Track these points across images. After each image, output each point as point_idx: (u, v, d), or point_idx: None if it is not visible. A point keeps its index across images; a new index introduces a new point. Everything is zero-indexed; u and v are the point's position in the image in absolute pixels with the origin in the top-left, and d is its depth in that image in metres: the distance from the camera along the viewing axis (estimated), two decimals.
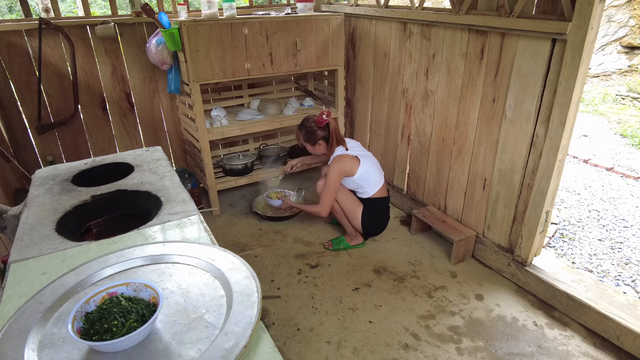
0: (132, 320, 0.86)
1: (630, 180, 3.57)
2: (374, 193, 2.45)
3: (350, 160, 2.38)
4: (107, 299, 0.90)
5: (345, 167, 2.37)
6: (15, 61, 2.66)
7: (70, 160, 2.36)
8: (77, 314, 0.85)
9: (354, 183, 2.43)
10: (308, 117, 2.46)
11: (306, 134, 2.43)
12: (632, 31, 7.21)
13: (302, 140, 2.48)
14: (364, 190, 2.46)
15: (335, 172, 2.36)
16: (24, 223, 1.34)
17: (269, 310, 2.09)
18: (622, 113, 5.49)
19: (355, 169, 2.38)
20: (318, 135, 2.41)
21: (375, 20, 2.83)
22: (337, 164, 2.36)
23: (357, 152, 2.46)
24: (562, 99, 1.77)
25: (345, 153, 2.43)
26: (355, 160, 2.40)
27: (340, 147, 2.46)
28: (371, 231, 2.56)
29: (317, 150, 2.49)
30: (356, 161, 2.40)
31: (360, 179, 2.40)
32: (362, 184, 2.43)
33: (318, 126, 2.40)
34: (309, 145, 2.47)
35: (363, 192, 2.47)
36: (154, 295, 0.90)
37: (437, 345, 1.87)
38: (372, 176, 2.44)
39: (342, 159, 2.38)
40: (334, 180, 2.36)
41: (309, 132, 2.42)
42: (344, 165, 2.36)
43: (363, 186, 2.44)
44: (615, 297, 1.96)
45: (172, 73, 2.84)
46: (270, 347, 0.85)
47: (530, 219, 2.06)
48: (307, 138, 2.44)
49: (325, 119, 2.39)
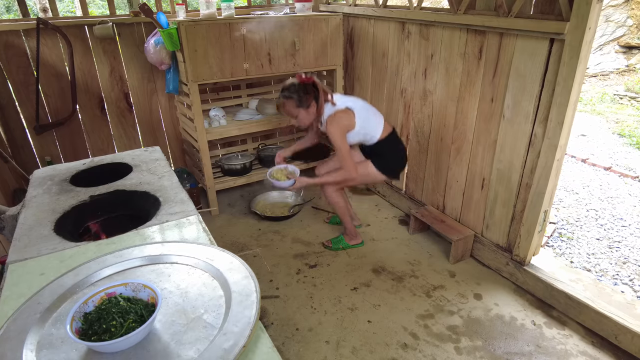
0: (131, 321, 0.85)
1: (628, 180, 3.58)
2: (380, 135, 2.31)
3: (344, 114, 2.23)
4: (106, 300, 0.90)
5: (343, 122, 2.21)
6: (13, 61, 2.65)
7: (69, 160, 2.36)
8: (76, 314, 0.85)
9: (358, 135, 2.29)
10: (289, 84, 2.22)
11: (299, 98, 2.19)
12: (629, 31, 7.23)
13: (294, 107, 2.21)
14: (370, 137, 2.32)
15: (337, 133, 2.19)
16: (22, 223, 1.33)
17: (267, 310, 2.09)
18: (620, 112, 5.50)
19: (352, 121, 2.23)
20: (311, 95, 2.21)
21: (373, 20, 2.83)
22: (334, 124, 2.20)
23: (346, 104, 2.27)
24: (560, 98, 1.78)
25: (336, 109, 2.25)
26: (349, 113, 2.24)
27: (327, 105, 2.28)
28: (395, 169, 2.45)
29: (308, 117, 2.26)
30: (350, 113, 2.24)
31: (362, 128, 2.26)
32: (365, 132, 2.29)
33: (306, 85, 2.19)
34: (302, 112, 2.23)
35: (370, 139, 2.33)
36: (152, 295, 0.90)
37: (436, 345, 1.87)
38: (372, 120, 2.30)
39: (337, 116, 2.22)
40: (341, 140, 2.20)
41: (301, 95, 2.18)
42: (341, 121, 2.21)
43: (368, 133, 2.30)
44: (613, 296, 1.97)
45: (170, 73, 2.83)
46: (269, 347, 0.85)
47: (528, 218, 2.07)
48: (300, 102, 2.20)
49: (308, 77, 2.19)
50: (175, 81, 2.85)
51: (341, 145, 2.21)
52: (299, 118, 2.26)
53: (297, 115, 2.25)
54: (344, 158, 2.23)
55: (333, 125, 2.20)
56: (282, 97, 2.23)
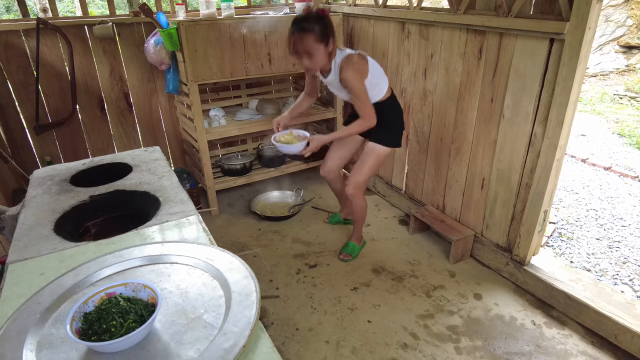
0: (131, 321, 0.85)
1: (628, 180, 3.58)
2: (384, 93, 2.15)
3: (360, 59, 2.02)
4: (106, 300, 0.90)
5: (360, 67, 2.00)
6: (13, 61, 2.65)
7: (69, 160, 2.36)
8: (76, 314, 0.85)
9: (368, 87, 2.04)
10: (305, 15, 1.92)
11: (321, 31, 1.88)
12: (629, 31, 7.23)
13: (314, 42, 1.89)
14: (376, 92, 2.11)
15: (355, 78, 1.97)
16: (22, 223, 1.33)
17: (267, 310, 2.09)
18: (620, 112, 5.50)
19: (366, 67, 2.02)
20: (330, 29, 1.92)
21: (373, 20, 2.83)
22: (351, 68, 1.97)
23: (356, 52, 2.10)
24: (560, 98, 1.78)
25: (348, 53, 2.03)
26: (364, 59, 2.05)
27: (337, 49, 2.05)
28: (399, 134, 2.27)
29: (324, 58, 1.97)
30: (364, 59, 2.04)
31: (374, 78, 2.06)
32: (375, 84, 2.08)
33: (324, 18, 1.91)
34: (321, 49, 1.92)
35: (375, 95, 2.11)
36: (152, 295, 0.90)
37: (436, 345, 1.87)
38: (381, 74, 2.14)
39: (352, 60, 1.99)
40: (359, 85, 1.99)
41: (325, 25, 1.90)
42: (357, 66, 1.99)
43: (377, 87, 2.10)
44: (613, 296, 1.97)
45: (170, 73, 2.83)
46: (269, 347, 0.85)
47: (528, 218, 2.07)
48: (322, 36, 1.90)
49: (324, 9, 1.96)
50: (175, 81, 2.85)
51: (361, 92, 1.99)
52: (315, 58, 1.94)
53: (314, 53, 1.92)
54: (363, 103, 2.02)
55: (350, 69, 1.96)
56: (298, 31, 1.88)
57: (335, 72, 2.04)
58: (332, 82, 2.12)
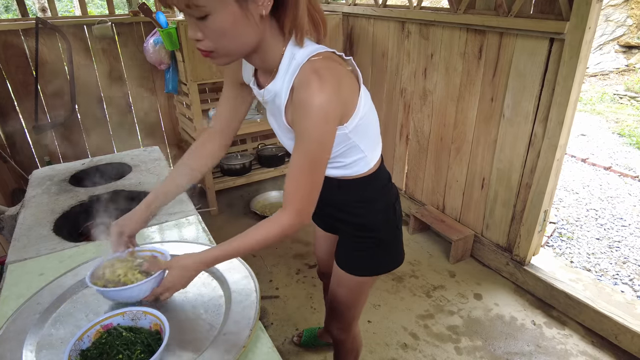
0: (139, 352, 0.78)
1: (628, 179, 3.58)
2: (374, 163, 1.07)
3: (342, 69, 0.89)
4: (104, 333, 0.83)
5: (340, 83, 0.85)
6: (12, 61, 2.65)
7: (68, 160, 2.36)
8: (72, 352, 0.77)
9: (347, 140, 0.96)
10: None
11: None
12: (629, 30, 7.23)
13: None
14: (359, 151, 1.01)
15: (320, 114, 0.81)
16: (21, 224, 1.33)
17: (267, 310, 2.09)
18: (620, 112, 5.50)
19: (355, 92, 0.92)
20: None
21: (373, 19, 2.82)
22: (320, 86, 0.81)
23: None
24: (560, 98, 1.77)
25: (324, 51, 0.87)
26: (350, 74, 0.92)
27: (308, 42, 0.88)
28: (391, 253, 1.20)
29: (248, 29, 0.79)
30: (351, 75, 0.93)
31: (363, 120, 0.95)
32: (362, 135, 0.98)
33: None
34: (229, 9, 0.74)
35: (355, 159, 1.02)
36: (155, 322, 0.84)
37: (436, 345, 1.87)
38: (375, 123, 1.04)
39: (327, 65, 0.84)
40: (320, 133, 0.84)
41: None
42: (336, 79, 0.84)
43: (366, 136, 1.00)
44: (613, 296, 1.97)
45: (169, 73, 2.83)
46: (269, 347, 0.85)
47: (528, 218, 2.06)
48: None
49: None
50: (175, 81, 2.84)
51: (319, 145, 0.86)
52: (218, 24, 0.76)
53: (215, 7, 0.73)
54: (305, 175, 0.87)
55: (317, 87, 0.81)
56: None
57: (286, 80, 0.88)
58: (273, 104, 0.94)
